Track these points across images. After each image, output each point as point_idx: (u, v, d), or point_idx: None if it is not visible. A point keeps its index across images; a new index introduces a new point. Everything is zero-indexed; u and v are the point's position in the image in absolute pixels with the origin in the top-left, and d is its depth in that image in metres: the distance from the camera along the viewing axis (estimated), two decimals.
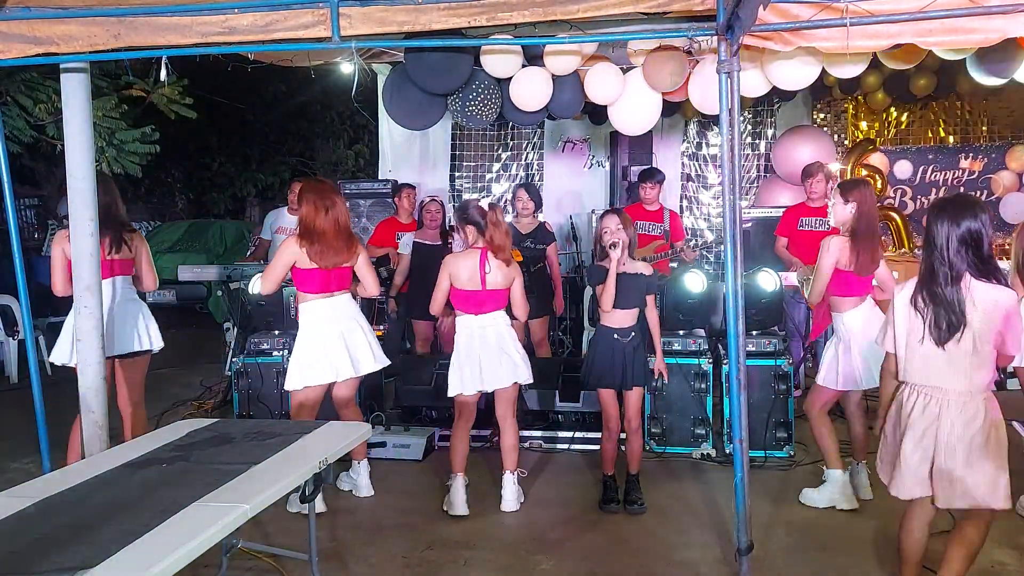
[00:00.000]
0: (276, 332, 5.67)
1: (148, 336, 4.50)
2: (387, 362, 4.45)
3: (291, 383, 4.25)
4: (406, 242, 6.35)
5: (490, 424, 5.36)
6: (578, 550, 3.86)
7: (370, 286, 4.43)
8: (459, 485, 4.27)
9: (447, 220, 6.76)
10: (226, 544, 3.27)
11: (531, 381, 4.39)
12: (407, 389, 5.58)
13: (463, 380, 4.22)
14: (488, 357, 4.21)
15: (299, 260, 4.18)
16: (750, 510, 3.41)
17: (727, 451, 4.96)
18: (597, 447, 5.24)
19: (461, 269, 4.21)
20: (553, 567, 3.70)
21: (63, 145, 3.88)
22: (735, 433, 3.44)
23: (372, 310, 5.32)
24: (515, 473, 4.36)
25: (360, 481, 4.52)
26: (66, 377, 4.12)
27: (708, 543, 3.89)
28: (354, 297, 4.44)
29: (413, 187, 6.99)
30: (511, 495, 4.32)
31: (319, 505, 4.18)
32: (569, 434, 5.28)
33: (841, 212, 4.07)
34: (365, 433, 3.45)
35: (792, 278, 5.40)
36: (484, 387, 4.24)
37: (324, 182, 4.40)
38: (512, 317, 4.41)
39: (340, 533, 4.06)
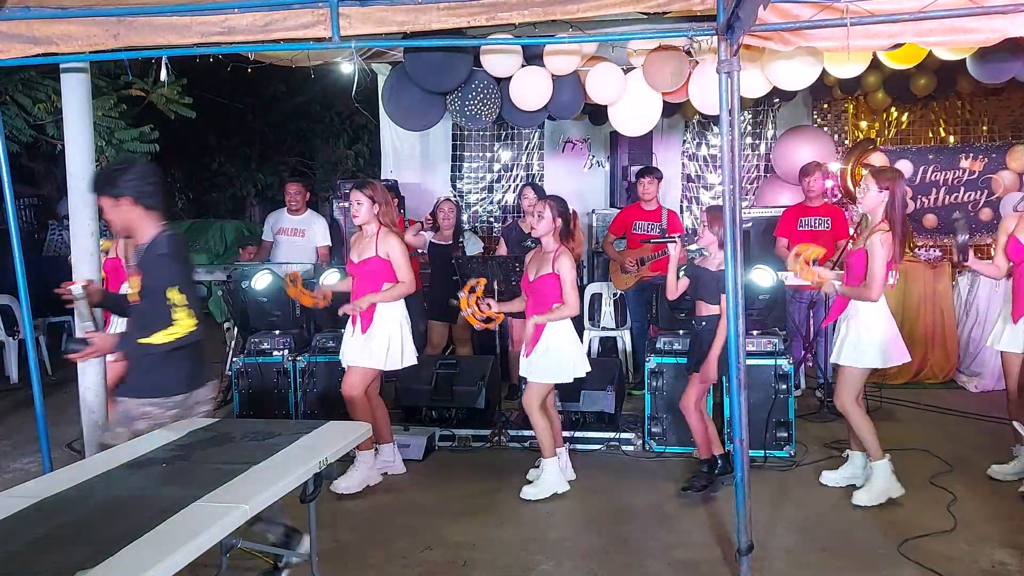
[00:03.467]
0: (276, 332, 5.67)
1: None
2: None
3: (392, 362, 4.56)
4: (423, 243, 6.38)
5: (491, 424, 5.37)
6: (578, 550, 3.86)
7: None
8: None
9: (460, 221, 6.78)
10: (226, 544, 3.26)
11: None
12: (407, 389, 5.57)
13: (577, 365, 4.45)
14: (575, 350, 4.50)
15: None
16: (750, 510, 3.41)
17: (727, 451, 4.96)
18: (597, 447, 5.25)
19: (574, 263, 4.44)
20: (553, 567, 3.70)
21: (63, 145, 3.89)
22: (735, 433, 3.44)
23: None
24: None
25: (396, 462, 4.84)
26: (66, 377, 4.13)
27: (708, 543, 3.89)
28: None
29: (389, 186, 7.01)
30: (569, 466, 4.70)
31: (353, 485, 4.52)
32: (569, 434, 5.27)
33: (873, 199, 4.08)
34: (365, 433, 3.45)
35: (790, 278, 5.39)
36: (571, 376, 4.48)
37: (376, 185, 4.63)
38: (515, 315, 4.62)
39: (340, 533, 4.06)
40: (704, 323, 4.40)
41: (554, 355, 4.39)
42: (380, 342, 4.51)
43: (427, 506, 4.40)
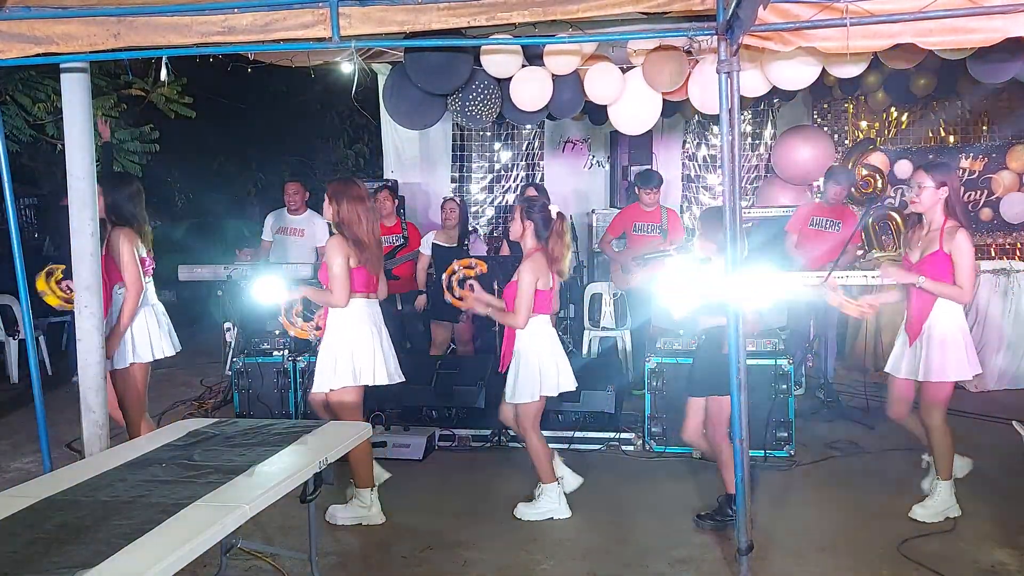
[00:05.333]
0: (276, 332, 5.67)
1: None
2: (402, 378, 4.35)
3: (340, 380, 4.10)
4: (425, 241, 6.39)
5: (490, 424, 5.37)
6: (578, 550, 3.86)
7: (382, 289, 4.39)
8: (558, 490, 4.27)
9: (467, 221, 6.79)
10: (226, 544, 3.26)
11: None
12: (407, 389, 5.57)
13: (555, 382, 4.16)
14: (553, 360, 4.19)
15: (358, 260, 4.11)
16: (750, 510, 3.41)
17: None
18: (597, 447, 5.25)
19: (543, 273, 4.15)
20: (553, 567, 3.70)
21: (63, 144, 3.88)
22: (735, 433, 3.44)
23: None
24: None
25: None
26: (67, 378, 4.13)
27: (708, 543, 3.89)
28: None
29: (388, 186, 7.01)
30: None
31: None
32: (569, 434, 5.27)
33: (931, 196, 3.87)
34: (365, 433, 3.45)
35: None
36: (558, 389, 4.20)
37: (360, 183, 4.27)
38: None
39: (340, 533, 4.06)
40: (704, 336, 4.17)
41: (523, 372, 4.14)
42: (322, 361, 4.20)
43: (427, 506, 4.40)
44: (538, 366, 4.13)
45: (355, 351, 4.11)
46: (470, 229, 7.53)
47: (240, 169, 15.02)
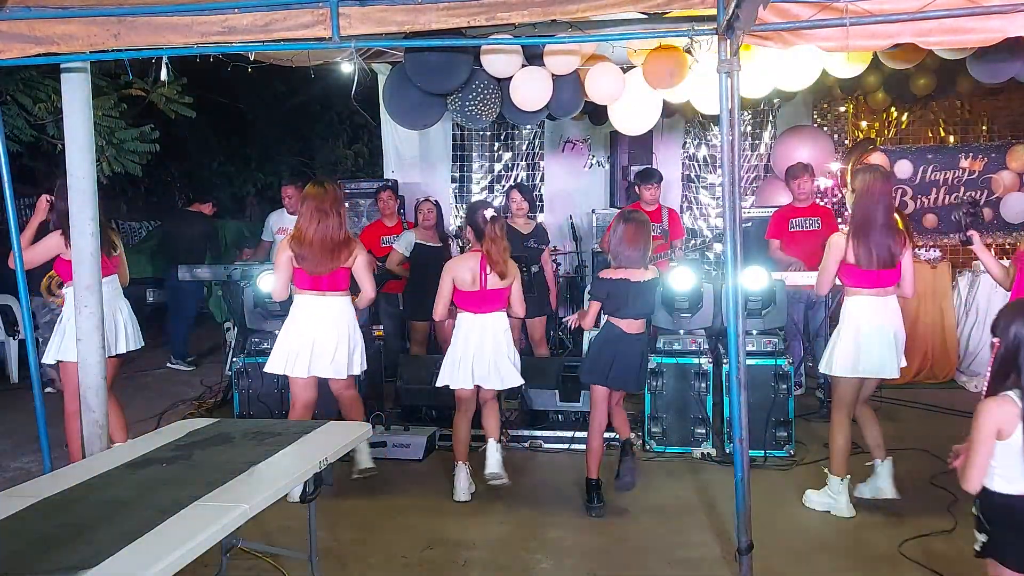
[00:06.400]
0: (276, 332, 5.66)
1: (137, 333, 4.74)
2: (347, 374, 4.43)
3: (268, 366, 4.48)
4: (407, 241, 6.36)
5: None
6: (578, 550, 3.86)
7: (367, 291, 4.49)
8: (463, 473, 4.45)
9: (445, 222, 6.78)
10: (226, 544, 3.26)
11: (519, 384, 4.59)
12: (407, 389, 5.58)
13: (453, 375, 4.45)
14: (481, 359, 4.41)
15: (294, 258, 4.34)
16: (750, 510, 3.41)
17: (727, 451, 4.96)
18: None
19: (463, 272, 4.40)
20: (553, 567, 3.70)
21: (63, 144, 3.88)
22: (735, 433, 3.44)
23: (369, 310, 5.34)
24: (499, 441, 4.55)
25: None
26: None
27: (708, 543, 3.89)
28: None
29: (390, 187, 7.01)
30: (495, 459, 4.47)
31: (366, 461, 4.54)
32: (569, 434, 5.27)
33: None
34: (365, 433, 3.45)
35: (794, 279, 5.39)
36: (474, 383, 4.43)
37: (328, 189, 4.39)
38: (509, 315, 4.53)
39: (340, 533, 4.06)
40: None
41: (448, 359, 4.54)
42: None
43: (427, 506, 4.40)
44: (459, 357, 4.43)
45: (285, 341, 4.39)
46: (456, 236, 7.48)
47: (240, 169, 15.02)
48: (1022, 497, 2.34)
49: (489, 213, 4.45)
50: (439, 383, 4.52)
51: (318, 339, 4.34)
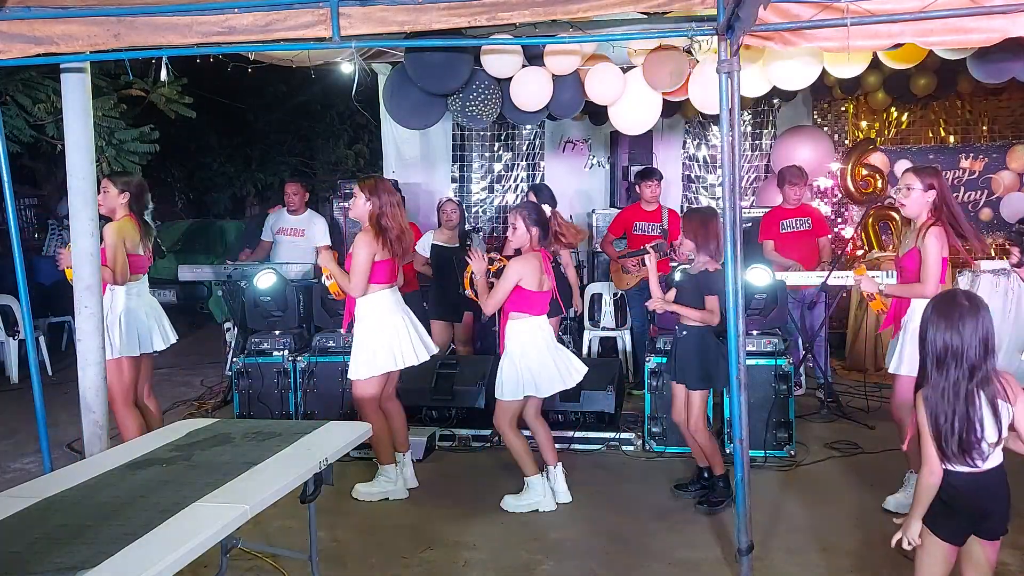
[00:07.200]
0: (276, 332, 5.67)
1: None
2: (435, 350, 4.62)
3: (358, 372, 4.33)
4: (425, 242, 6.39)
5: (490, 424, 5.36)
6: (578, 550, 3.86)
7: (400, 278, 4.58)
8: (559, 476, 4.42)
9: (464, 222, 6.79)
10: (226, 544, 3.26)
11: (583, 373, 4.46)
12: (407, 389, 5.57)
13: (539, 384, 4.20)
14: (549, 360, 4.24)
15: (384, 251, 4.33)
16: (750, 510, 3.41)
17: (727, 451, 4.96)
18: (597, 447, 5.25)
19: (533, 273, 4.18)
20: (553, 567, 3.70)
21: (63, 145, 3.88)
22: (735, 433, 3.44)
23: None
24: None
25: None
26: (66, 378, 4.13)
27: (708, 543, 3.89)
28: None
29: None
30: (563, 486, 4.41)
31: (412, 480, 4.60)
32: (569, 434, 5.27)
33: (918, 198, 4.04)
34: (366, 433, 3.45)
35: (791, 279, 5.40)
36: (553, 389, 4.27)
37: (386, 181, 4.54)
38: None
39: (340, 533, 4.06)
40: (685, 331, 4.26)
41: (506, 371, 4.22)
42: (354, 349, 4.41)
43: (427, 506, 4.40)
44: (527, 366, 4.18)
45: (391, 337, 4.34)
46: (476, 229, 7.53)
47: (240, 169, 15.03)
48: (947, 472, 2.62)
49: (548, 209, 4.47)
50: (524, 393, 4.18)
51: (411, 327, 4.43)
